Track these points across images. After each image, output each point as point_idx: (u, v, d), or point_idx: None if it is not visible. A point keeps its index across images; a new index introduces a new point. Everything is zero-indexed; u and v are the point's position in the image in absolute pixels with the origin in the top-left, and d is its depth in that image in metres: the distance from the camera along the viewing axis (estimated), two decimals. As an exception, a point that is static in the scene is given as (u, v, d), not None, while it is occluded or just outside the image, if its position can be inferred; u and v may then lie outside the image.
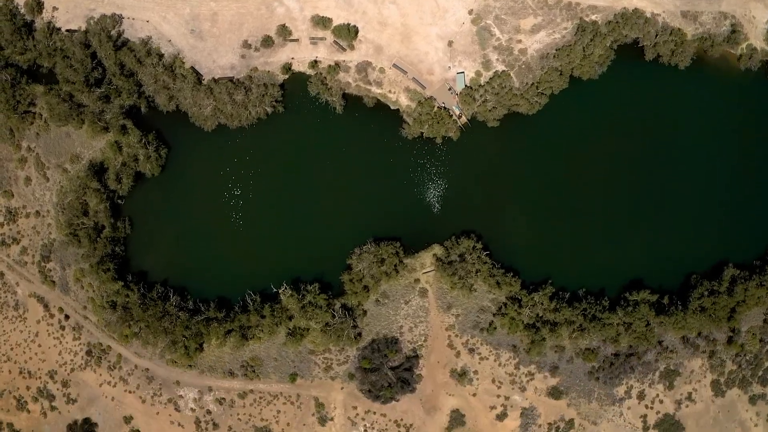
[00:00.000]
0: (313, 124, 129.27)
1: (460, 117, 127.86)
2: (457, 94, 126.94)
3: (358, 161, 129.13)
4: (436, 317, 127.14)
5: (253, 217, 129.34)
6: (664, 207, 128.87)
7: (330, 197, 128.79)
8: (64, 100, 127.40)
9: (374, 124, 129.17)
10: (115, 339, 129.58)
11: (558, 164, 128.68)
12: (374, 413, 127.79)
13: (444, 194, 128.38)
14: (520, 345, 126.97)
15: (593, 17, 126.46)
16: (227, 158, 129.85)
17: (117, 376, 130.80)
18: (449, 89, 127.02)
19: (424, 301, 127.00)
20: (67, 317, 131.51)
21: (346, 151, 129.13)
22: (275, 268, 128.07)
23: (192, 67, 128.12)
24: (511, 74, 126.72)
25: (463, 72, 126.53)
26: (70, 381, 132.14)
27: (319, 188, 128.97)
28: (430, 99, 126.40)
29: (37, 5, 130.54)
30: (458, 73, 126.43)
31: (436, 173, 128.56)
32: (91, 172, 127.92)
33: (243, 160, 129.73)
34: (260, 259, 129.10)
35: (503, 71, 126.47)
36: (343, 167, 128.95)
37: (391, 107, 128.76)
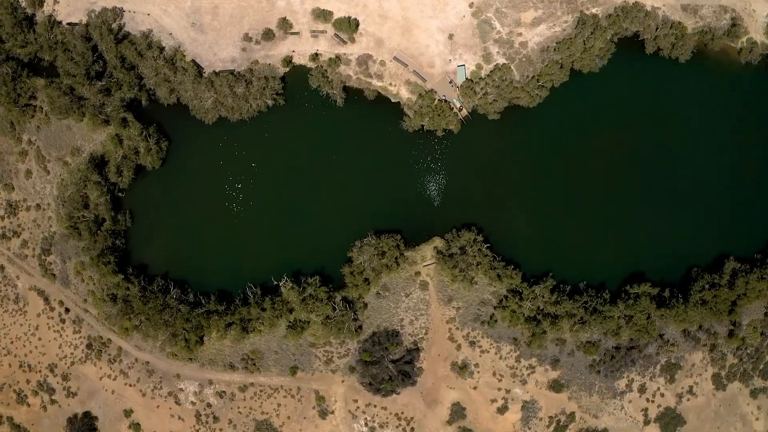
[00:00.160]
0: (314, 117, 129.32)
1: (460, 110, 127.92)
2: (457, 87, 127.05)
3: (359, 154, 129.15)
4: (436, 310, 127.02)
5: (253, 209, 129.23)
6: (665, 200, 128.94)
7: (331, 190, 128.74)
8: (65, 93, 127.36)
9: (375, 116, 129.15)
10: (115, 332, 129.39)
11: (559, 157, 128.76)
12: (375, 406, 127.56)
13: (445, 187, 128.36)
14: (521, 338, 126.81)
15: (593, 10, 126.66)
16: (228, 151, 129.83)
17: (117, 369, 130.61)
18: (450, 82, 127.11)
19: (425, 293, 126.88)
20: (67, 310, 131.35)
21: (346, 143, 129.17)
22: (276, 261, 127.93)
23: (193, 60, 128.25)
24: (512, 67, 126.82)
25: (463, 65, 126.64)
26: (71, 374, 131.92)
27: (320, 181, 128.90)
28: (430, 92, 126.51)
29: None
30: (459, 66, 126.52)
31: (437, 166, 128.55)
32: (91, 165, 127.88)
33: (244, 153, 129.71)
34: (261, 252, 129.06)
35: (504, 64, 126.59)
36: (344, 160, 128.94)
37: (392, 100, 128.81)
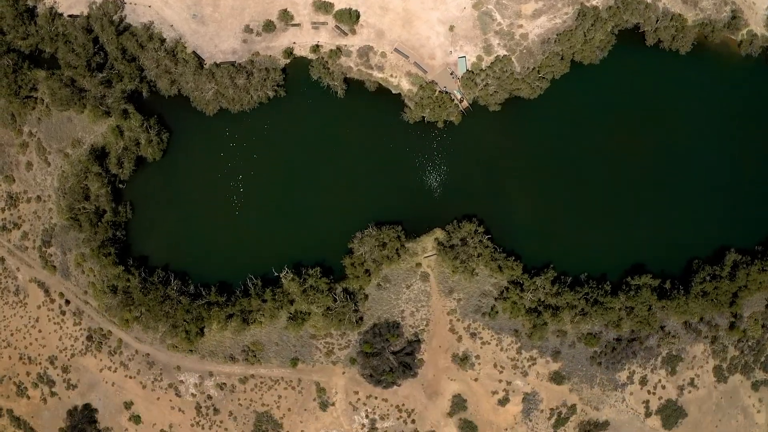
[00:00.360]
0: (315, 109, 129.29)
1: (461, 101, 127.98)
2: (458, 79, 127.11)
3: (360, 145, 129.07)
4: (437, 301, 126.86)
5: (254, 201, 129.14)
6: (666, 192, 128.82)
7: (331, 181, 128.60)
8: (66, 85, 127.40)
9: (376, 108, 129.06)
10: (115, 324, 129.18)
11: (560, 148, 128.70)
12: (376, 398, 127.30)
13: (445, 178, 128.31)
14: (522, 330, 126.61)
15: (594, 2, 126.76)
16: (229, 143, 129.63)
17: (117, 361, 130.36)
18: (451, 74, 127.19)
19: (426, 285, 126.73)
20: (67, 302, 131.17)
21: (347, 135, 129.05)
22: (276, 253, 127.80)
23: (194, 51, 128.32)
24: (513, 59, 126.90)
25: (464, 56, 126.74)
26: (71, 366, 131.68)
27: (321, 172, 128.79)
28: (431, 83, 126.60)
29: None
30: (459, 58, 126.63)
31: (438, 157, 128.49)
32: (92, 156, 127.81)
33: (244, 145, 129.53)
34: (261, 244, 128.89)
35: (504, 56, 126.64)
36: (345, 151, 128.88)
37: (393, 91, 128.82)
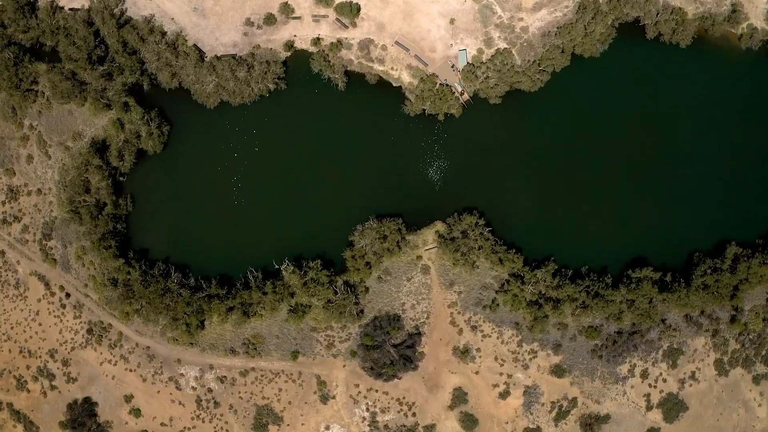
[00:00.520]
0: (316, 101, 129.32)
1: (462, 94, 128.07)
2: (459, 72, 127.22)
3: (361, 138, 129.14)
4: (438, 294, 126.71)
5: (254, 194, 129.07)
6: (666, 185, 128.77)
7: (332, 174, 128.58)
8: (67, 78, 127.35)
9: (376, 101, 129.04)
10: (116, 317, 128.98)
11: (560, 141, 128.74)
12: (376, 391, 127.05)
13: (446, 171, 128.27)
14: (523, 322, 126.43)
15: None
16: (229, 135, 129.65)
17: (118, 354, 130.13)
18: (451, 66, 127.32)
19: (427, 278, 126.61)
20: (68, 295, 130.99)
21: (348, 127, 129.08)
22: (277, 246, 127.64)
23: (194, 44, 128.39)
24: (513, 52, 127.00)
25: (465, 49, 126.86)
26: (71, 360, 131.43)
27: (321, 165, 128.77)
28: (432, 76, 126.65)
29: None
30: (460, 51, 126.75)
31: (438, 150, 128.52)
32: (93, 149, 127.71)
33: (245, 138, 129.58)
34: (262, 237, 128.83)
35: (505, 49, 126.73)
36: (345, 144, 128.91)
37: (394, 84, 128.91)
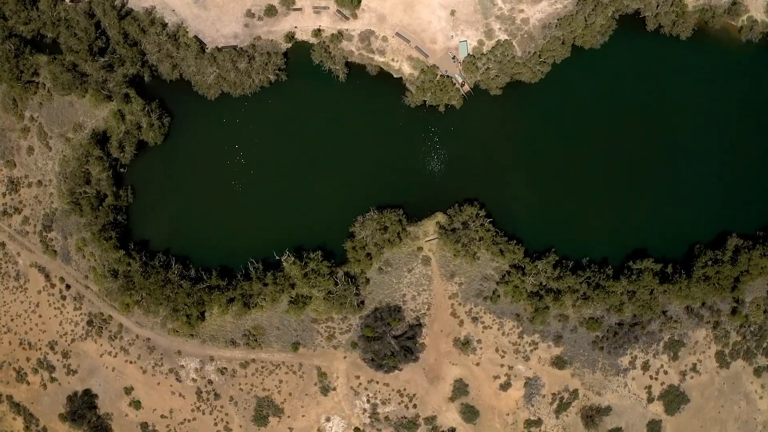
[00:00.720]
0: (316, 93, 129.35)
1: (462, 85, 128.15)
2: (459, 63, 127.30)
3: (361, 129, 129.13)
4: (439, 285, 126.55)
5: (255, 185, 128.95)
6: (667, 177, 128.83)
7: (333, 165, 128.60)
8: (68, 69, 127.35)
9: (377, 92, 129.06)
10: (116, 308, 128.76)
11: (561, 132, 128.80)
12: (377, 383, 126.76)
13: (446, 162, 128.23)
14: (524, 314, 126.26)
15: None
16: (230, 127, 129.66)
17: (118, 346, 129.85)
18: (452, 58, 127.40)
19: (427, 269, 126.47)
20: (68, 287, 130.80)
21: (348, 119, 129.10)
22: (278, 236, 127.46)
23: (195, 36, 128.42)
24: (514, 43, 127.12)
25: (465, 41, 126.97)
26: (71, 352, 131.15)
27: (322, 156, 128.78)
28: (433, 67, 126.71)
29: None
30: (461, 42, 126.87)
31: (439, 141, 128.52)
32: (93, 140, 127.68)
33: (246, 129, 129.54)
34: (263, 228, 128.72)
35: (506, 40, 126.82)
36: (346, 135, 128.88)
37: (394, 75, 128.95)
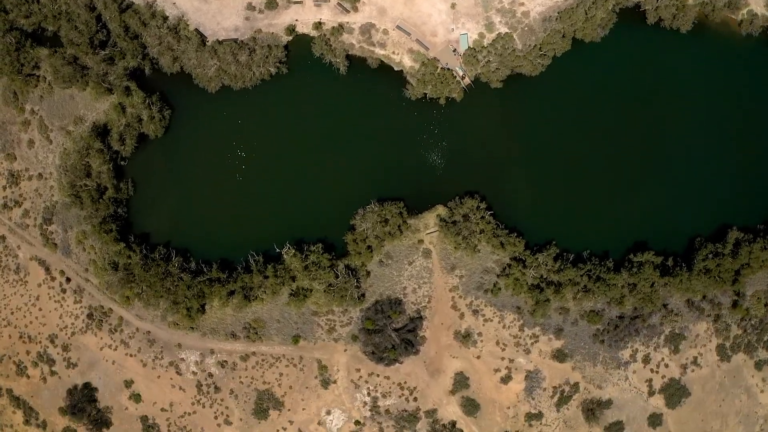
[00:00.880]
0: (317, 86, 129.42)
1: (463, 78, 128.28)
2: (460, 56, 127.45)
3: (362, 122, 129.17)
4: (439, 278, 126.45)
5: (256, 178, 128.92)
6: (667, 170, 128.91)
7: (333, 158, 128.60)
8: (69, 62, 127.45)
9: (378, 85, 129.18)
10: (116, 301, 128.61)
11: (561, 125, 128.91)
12: (378, 375, 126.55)
13: (447, 155, 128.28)
14: (525, 307, 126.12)
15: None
16: (231, 119, 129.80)
17: (118, 339, 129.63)
18: (453, 51, 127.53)
19: (428, 262, 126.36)
20: (68, 280, 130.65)
21: (349, 111, 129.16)
22: (278, 229, 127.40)
23: (196, 29, 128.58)
24: (514, 36, 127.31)
25: (466, 34, 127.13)
26: (71, 345, 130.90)
27: (323, 149, 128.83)
28: (433, 60, 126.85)
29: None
30: (461, 35, 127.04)
31: (440, 134, 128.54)
32: (94, 133, 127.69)
33: (246, 122, 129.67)
34: (263, 221, 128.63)
35: (506, 33, 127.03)
36: (347, 128, 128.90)
37: (395, 68, 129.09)
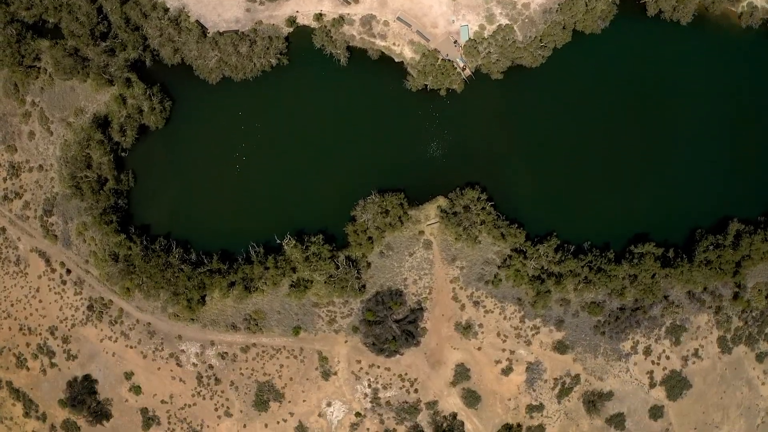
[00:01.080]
0: (318, 77, 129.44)
1: (464, 69, 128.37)
2: (461, 47, 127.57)
3: (362, 113, 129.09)
4: (440, 269, 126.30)
5: (257, 169, 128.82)
6: (668, 162, 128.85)
7: (334, 149, 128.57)
8: (70, 54, 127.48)
9: (378, 76, 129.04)
10: (116, 293, 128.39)
11: (562, 117, 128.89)
12: (378, 367, 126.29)
13: (448, 146, 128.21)
14: (525, 298, 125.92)
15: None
16: (231, 111, 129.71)
17: (118, 331, 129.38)
18: (453, 42, 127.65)
19: (429, 253, 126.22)
20: (68, 272, 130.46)
21: (350, 103, 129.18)
22: (279, 220, 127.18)
23: (197, 20, 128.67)
24: (515, 28, 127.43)
25: (466, 25, 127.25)
26: (71, 337, 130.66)
27: (324, 140, 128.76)
28: (434, 51, 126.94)
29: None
30: (462, 26, 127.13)
31: (440, 125, 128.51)
32: (95, 124, 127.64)
33: (247, 113, 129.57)
34: (264, 212, 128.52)
35: (506, 25, 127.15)
36: (348, 119, 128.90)
37: (396, 60, 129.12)
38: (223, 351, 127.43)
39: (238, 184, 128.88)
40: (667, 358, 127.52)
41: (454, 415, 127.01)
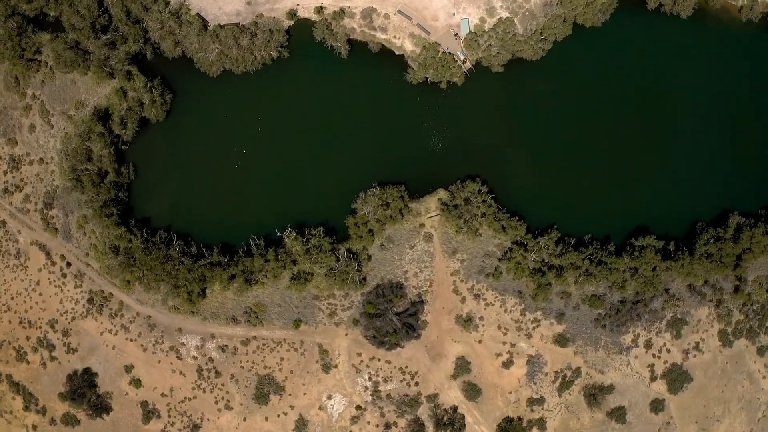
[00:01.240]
0: (318, 70, 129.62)
1: (464, 62, 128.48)
2: (461, 40, 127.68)
3: (363, 106, 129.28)
4: (441, 262, 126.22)
5: (257, 162, 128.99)
6: (668, 155, 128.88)
7: (335, 142, 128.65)
8: (70, 47, 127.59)
9: (379, 69, 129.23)
10: (116, 286, 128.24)
11: (563, 110, 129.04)
12: (379, 360, 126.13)
13: (448, 139, 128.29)
14: (526, 291, 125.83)
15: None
16: (232, 104, 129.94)
17: (118, 324, 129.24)
18: (454, 35, 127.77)
19: (429, 245, 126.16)
20: (68, 265, 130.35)
21: (350, 96, 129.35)
22: (280, 213, 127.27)
23: (198, 13, 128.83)
24: (515, 21, 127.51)
25: (467, 18, 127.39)
26: (71, 330, 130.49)
27: (324, 133, 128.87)
28: (434, 44, 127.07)
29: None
30: (463, 19, 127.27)
31: (441, 118, 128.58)
32: (95, 117, 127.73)
33: (248, 106, 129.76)
34: (265, 205, 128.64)
35: (507, 18, 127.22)
36: (348, 112, 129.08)
37: (396, 53, 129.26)
38: (223, 344, 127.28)
39: (239, 177, 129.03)
40: (668, 351, 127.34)
41: (455, 408, 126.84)
